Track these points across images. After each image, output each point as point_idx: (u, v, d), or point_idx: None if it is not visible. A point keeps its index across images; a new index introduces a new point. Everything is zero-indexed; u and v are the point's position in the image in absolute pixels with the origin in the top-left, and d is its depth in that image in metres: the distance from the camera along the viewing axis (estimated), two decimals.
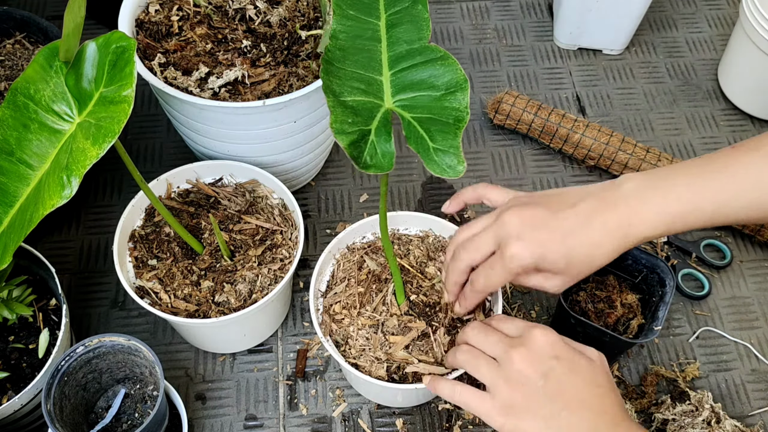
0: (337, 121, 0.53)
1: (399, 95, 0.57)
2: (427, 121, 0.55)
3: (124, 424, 0.70)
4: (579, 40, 1.06)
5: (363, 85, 0.57)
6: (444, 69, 0.57)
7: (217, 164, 0.77)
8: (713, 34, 1.11)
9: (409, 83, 0.58)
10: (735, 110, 1.02)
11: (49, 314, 0.70)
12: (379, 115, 0.56)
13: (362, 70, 0.58)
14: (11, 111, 0.57)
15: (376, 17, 0.60)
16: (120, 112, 0.53)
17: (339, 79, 0.56)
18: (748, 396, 0.78)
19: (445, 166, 0.53)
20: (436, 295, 0.69)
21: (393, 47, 0.59)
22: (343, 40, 0.58)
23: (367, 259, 0.72)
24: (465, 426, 0.75)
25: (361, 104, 0.56)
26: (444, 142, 0.54)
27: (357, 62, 0.58)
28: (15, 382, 0.67)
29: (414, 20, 0.60)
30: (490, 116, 0.96)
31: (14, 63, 0.86)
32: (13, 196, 0.56)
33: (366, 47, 0.59)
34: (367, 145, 0.54)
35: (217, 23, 0.78)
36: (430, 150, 0.54)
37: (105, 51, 0.56)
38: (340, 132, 0.53)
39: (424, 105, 0.57)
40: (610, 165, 0.91)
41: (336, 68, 0.57)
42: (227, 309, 0.69)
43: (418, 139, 0.55)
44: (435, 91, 0.57)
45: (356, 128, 0.54)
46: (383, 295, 0.70)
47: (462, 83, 0.57)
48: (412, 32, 0.59)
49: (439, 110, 0.56)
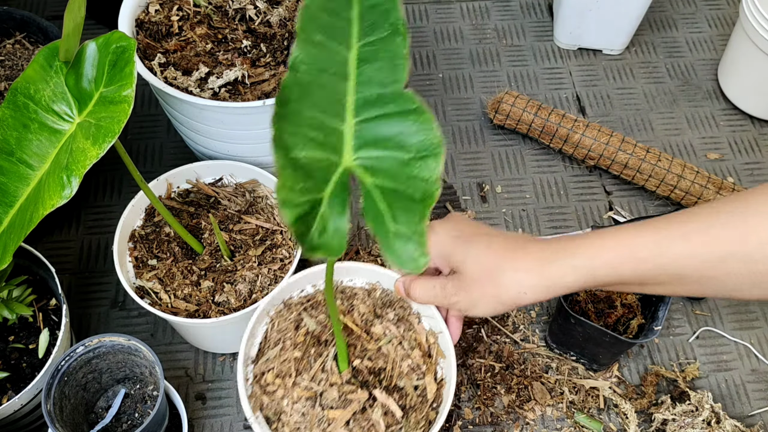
0: (285, 187, 0.43)
1: (362, 151, 0.48)
2: (391, 194, 0.47)
3: (124, 424, 0.70)
4: (579, 40, 1.06)
5: (321, 134, 0.47)
6: (417, 126, 0.48)
7: (217, 164, 0.77)
8: (713, 34, 1.11)
9: (375, 138, 0.48)
10: (735, 110, 1.02)
11: (49, 314, 0.70)
12: (335, 178, 0.46)
13: (322, 115, 0.47)
14: (11, 111, 0.57)
15: (347, 46, 0.49)
16: (120, 112, 0.53)
17: (293, 126, 0.46)
18: (748, 396, 0.78)
19: (404, 257, 0.46)
20: (382, 360, 0.61)
21: (362, 88, 0.48)
22: (304, 72, 0.47)
23: (305, 317, 0.63)
24: (465, 426, 0.75)
25: (315, 162, 0.46)
26: (408, 225, 0.46)
27: (317, 104, 0.47)
28: (15, 382, 0.67)
29: (390, 57, 0.49)
30: (490, 116, 0.96)
31: (14, 63, 0.86)
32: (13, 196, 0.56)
33: (330, 85, 0.48)
34: (317, 218, 0.45)
35: (217, 23, 0.78)
36: (389, 233, 0.46)
37: (105, 51, 0.56)
38: (288, 203, 0.43)
39: (389, 169, 0.47)
40: (610, 165, 0.91)
41: (291, 110, 0.46)
42: (227, 309, 0.69)
43: (376, 215, 0.46)
44: (404, 152, 0.48)
45: (307, 197, 0.45)
46: (323, 360, 0.61)
47: (436, 147, 0.47)
48: (386, 72, 0.48)
49: (406, 180, 0.47)
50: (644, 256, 0.52)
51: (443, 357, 0.62)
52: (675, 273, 0.51)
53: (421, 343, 0.63)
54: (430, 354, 0.63)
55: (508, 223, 0.90)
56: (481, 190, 0.93)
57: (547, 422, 0.75)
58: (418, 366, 0.61)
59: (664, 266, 0.51)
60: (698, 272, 0.51)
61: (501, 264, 0.55)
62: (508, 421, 0.75)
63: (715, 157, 0.97)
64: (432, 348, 0.63)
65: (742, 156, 0.97)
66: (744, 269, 0.49)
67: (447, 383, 0.61)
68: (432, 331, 0.63)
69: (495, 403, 0.76)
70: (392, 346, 0.62)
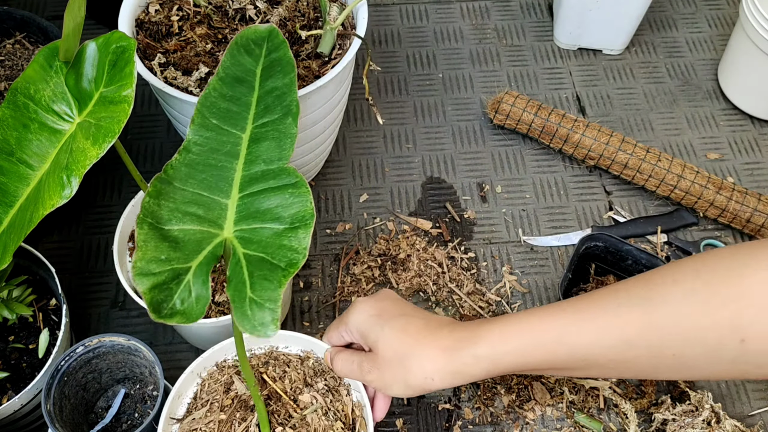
0: (144, 259, 0.46)
1: (242, 224, 0.51)
2: (257, 263, 0.49)
3: (124, 424, 0.70)
4: (579, 40, 1.06)
5: (201, 209, 0.50)
6: (293, 199, 0.51)
7: None
8: (713, 34, 1.11)
9: (256, 211, 0.51)
10: (735, 110, 1.02)
11: (49, 314, 0.70)
12: (209, 248, 0.49)
13: (206, 192, 0.51)
14: (11, 111, 0.57)
15: (242, 129, 0.53)
16: (120, 112, 0.53)
17: (172, 203, 0.49)
18: (748, 396, 0.78)
19: (256, 323, 0.46)
20: (305, 429, 0.62)
21: (250, 166, 0.52)
22: (195, 154, 0.51)
23: (236, 381, 0.64)
24: (465, 426, 0.75)
25: (189, 235, 0.49)
26: (263, 292, 0.47)
27: (203, 182, 0.51)
28: (15, 382, 0.67)
29: (280, 136, 0.53)
30: (490, 116, 0.96)
31: (14, 63, 0.86)
32: (13, 196, 0.56)
33: (219, 164, 0.52)
34: (181, 286, 0.47)
35: (217, 23, 0.78)
36: (245, 300, 0.47)
37: (105, 51, 0.56)
38: (144, 273, 0.46)
39: (262, 240, 0.50)
40: (610, 165, 0.91)
41: (173, 189, 0.49)
42: (227, 309, 0.69)
43: (239, 284, 0.48)
44: (279, 223, 0.51)
45: (168, 267, 0.47)
46: (246, 425, 0.62)
47: (308, 219, 0.50)
48: (273, 150, 0.53)
49: (275, 249, 0.49)
50: (548, 343, 0.52)
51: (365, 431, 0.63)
52: (582, 358, 0.51)
53: (347, 414, 0.63)
54: (354, 427, 0.63)
55: (508, 223, 0.90)
56: (481, 190, 0.93)
57: (547, 422, 0.75)
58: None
59: (572, 353, 0.51)
60: (605, 357, 0.50)
61: (410, 350, 0.56)
62: (508, 421, 0.75)
63: (715, 157, 0.97)
64: (357, 421, 0.64)
65: (742, 156, 0.97)
66: (647, 354, 0.48)
67: None
68: (359, 404, 0.64)
69: (495, 402, 0.76)
70: (317, 416, 0.63)
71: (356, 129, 0.98)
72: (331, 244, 0.87)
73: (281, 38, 0.58)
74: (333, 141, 0.88)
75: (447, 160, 0.95)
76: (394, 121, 0.99)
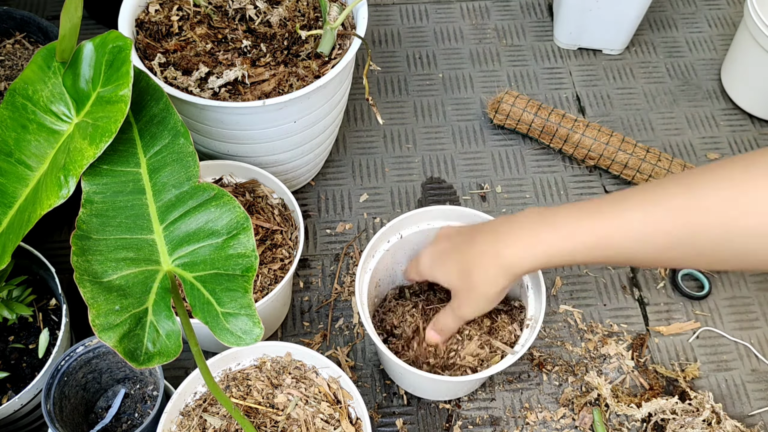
0: (100, 315, 0.45)
1: (177, 251, 0.49)
2: (212, 279, 0.48)
3: (124, 424, 0.70)
4: (579, 40, 1.06)
5: (132, 252, 0.49)
6: (221, 210, 0.50)
7: (217, 164, 0.77)
8: (713, 34, 1.11)
9: (186, 235, 0.50)
10: (735, 110, 1.01)
11: (49, 314, 0.71)
12: (156, 285, 0.48)
13: (128, 234, 0.49)
14: (10, 112, 0.57)
15: (136, 164, 0.52)
16: (117, 112, 0.53)
17: (100, 255, 0.48)
18: (748, 396, 0.78)
19: (239, 333, 0.46)
20: (295, 426, 0.62)
21: (160, 195, 0.51)
22: (100, 202, 0.50)
23: (207, 417, 0.63)
24: (465, 426, 0.75)
25: (131, 279, 0.48)
26: (233, 303, 0.47)
27: (121, 225, 0.50)
28: (15, 382, 0.67)
29: (179, 158, 0.52)
30: (490, 116, 0.96)
31: (14, 63, 0.87)
32: (12, 197, 0.56)
33: (129, 203, 0.51)
34: (146, 329, 0.46)
35: (217, 23, 0.78)
36: (219, 317, 0.47)
37: (102, 51, 0.56)
38: (106, 328, 0.44)
39: (206, 258, 0.49)
40: (610, 165, 0.91)
41: (94, 242, 0.48)
42: None
43: (204, 305, 0.47)
44: (216, 237, 0.50)
45: (126, 315, 0.46)
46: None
47: (243, 222, 0.50)
48: (178, 173, 0.52)
49: (224, 261, 0.49)
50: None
51: (351, 398, 0.63)
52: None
53: (326, 393, 0.64)
54: (338, 400, 0.64)
55: None
56: (481, 190, 0.92)
57: (547, 422, 0.75)
58: (331, 416, 0.63)
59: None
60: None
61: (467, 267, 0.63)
62: (508, 421, 0.75)
63: (715, 157, 0.97)
64: (338, 393, 0.64)
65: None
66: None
67: (362, 420, 0.62)
68: (332, 378, 0.65)
69: (495, 402, 0.76)
70: (300, 409, 0.63)
71: (356, 129, 0.98)
72: (331, 244, 0.87)
73: (137, 69, 0.56)
74: (333, 141, 0.88)
75: (447, 160, 0.95)
76: (394, 121, 0.99)
